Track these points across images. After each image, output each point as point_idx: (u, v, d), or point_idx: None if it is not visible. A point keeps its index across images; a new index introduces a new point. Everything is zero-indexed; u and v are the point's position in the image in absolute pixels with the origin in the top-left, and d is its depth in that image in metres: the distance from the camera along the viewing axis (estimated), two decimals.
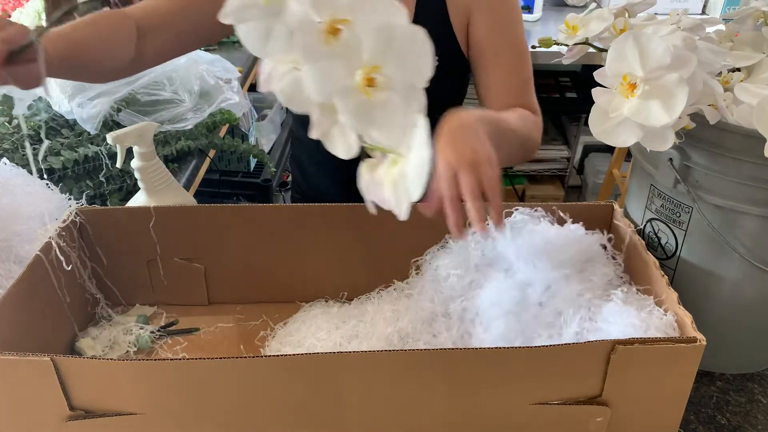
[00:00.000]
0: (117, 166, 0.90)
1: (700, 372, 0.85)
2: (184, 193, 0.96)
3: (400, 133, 0.53)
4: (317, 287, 0.91)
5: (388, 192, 0.56)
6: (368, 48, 0.51)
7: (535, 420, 0.66)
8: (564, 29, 0.85)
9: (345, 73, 0.51)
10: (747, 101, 0.69)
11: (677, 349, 0.62)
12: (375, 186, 0.58)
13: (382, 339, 0.77)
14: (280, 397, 0.64)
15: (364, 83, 0.52)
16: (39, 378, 0.60)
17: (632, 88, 0.64)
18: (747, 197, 0.73)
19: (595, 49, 0.84)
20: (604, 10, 0.83)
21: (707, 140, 0.73)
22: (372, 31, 0.51)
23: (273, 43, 0.52)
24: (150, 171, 0.91)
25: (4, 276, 0.78)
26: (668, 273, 0.83)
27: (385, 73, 0.52)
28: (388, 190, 0.57)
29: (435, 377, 0.63)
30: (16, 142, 1.07)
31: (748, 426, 0.79)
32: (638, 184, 0.87)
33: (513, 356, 0.62)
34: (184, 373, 0.61)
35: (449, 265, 0.81)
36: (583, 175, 2.78)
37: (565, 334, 0.72)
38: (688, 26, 0.78)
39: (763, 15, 0.85)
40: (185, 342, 0.86)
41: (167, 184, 0.93)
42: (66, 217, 0.82)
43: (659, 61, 0.62)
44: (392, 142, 0.54)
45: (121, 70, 0.91)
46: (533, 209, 0.83)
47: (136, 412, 0.63)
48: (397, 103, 0.52)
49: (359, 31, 0.51)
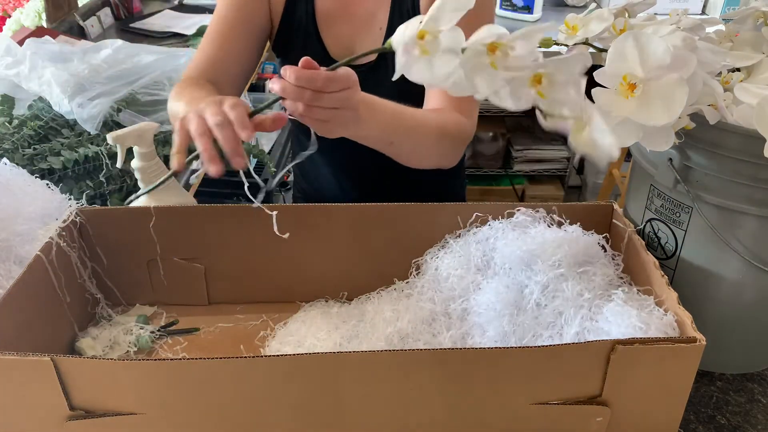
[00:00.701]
0: (117, 167, 0.90)
1: (700, 372, 0.85)
2: (184, 193, 0.95)
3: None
4: (317, 287, 0.91)
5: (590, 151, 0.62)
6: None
7: (535, 420, 0.66)
8: (564, 29, 0.85)
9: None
10: (747, 101, 0.69)
11: (677, 349, 0.62)
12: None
13: (382, 339, 0.77)
14: (280, 397, 0.64)
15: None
16: (39, 378, 0.60)
17: (632, 88, 0.64)
18: (747, 197, 0.73)
19: (595, 49, 0.84)
20: (604, 10, 0.83)
21: (707, 140, 0.73)
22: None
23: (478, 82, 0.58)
24: (150, 171, 0.90)
25: (4, 276, 0.78)
26: (668, 273, 0.83)
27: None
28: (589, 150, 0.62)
29: (435, 377, 0.63)
30: (16, 142, 1.07)
31: (748, 426, 0.79)
32: (638, 184, 0.87)
33: (513, 356, 0.62)
34: (184, 373, 0.62)
35: (449, 265, 0.81)
36: (583, 175, 2.78)
37: (565, 335, 0.72)
38: (688, 26, 0.78)
39: (763, 15, 0.85)
40: (185, 342, 0.86)
41: (167, 184, 0.93)
42: (66, 217, 0.82)
43: (659, 61, 0.62)
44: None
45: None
46: (534, 210, 0.83)
47: (136, 412, 0.63)
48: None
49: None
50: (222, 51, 1.02)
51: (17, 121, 1.13)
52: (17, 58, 1.26)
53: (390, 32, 1.00)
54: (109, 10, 2.20)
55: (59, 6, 1.95)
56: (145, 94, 1.26)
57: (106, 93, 1.19)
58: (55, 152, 1.07)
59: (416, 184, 1.07)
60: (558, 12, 2.51)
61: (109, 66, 1.27)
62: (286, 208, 0.87)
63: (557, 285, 0.74)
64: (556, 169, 2.70)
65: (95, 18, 2.09)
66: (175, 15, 2.27)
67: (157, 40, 2.03)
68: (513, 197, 2.71)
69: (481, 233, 0.83)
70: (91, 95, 1.16)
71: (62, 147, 1.08)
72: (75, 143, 1.10)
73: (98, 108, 1.13)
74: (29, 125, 1.11)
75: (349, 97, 0.72)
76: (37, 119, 1.14)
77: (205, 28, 1.07)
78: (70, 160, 1.05)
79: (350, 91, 0.72)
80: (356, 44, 1.03)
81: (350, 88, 0.72)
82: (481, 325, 0.76)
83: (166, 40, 2.06)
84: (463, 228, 0.86)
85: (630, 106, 0.64)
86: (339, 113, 0.72)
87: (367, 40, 1.02)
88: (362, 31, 1.02)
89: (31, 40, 1.33)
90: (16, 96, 1.23)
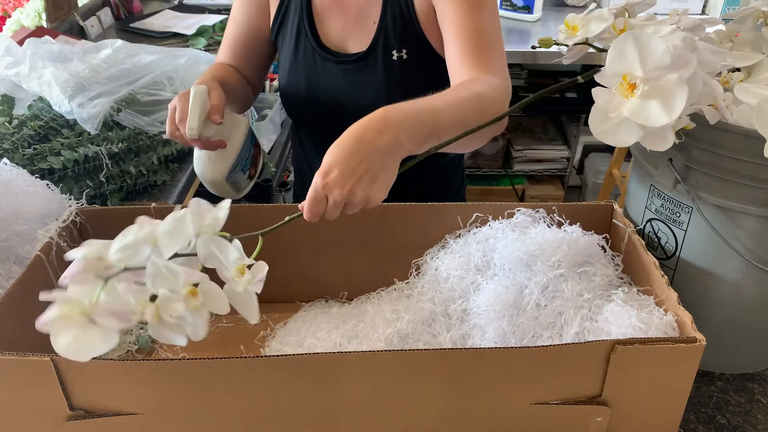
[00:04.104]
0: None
1: (700, 372, 0.85)
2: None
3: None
4: (317, 287, 0.91)
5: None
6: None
7: (535, 420, 0.66)
8: (564, 29, 0.85)
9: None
10: (747, 101, 0.69)
11: (677, 349, 0.62)
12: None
13: (382, 339, 0.77)
14: (280, 397, 0.64)
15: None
16: (39, 378, 0.60)
17: (632, 89, 0.64)
18: (747, 197, 0.73)
19: (595, 49, 0.84)
20: (604, 10, 0.83)
21: (707, 140, 0.73)
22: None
23: None
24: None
25: (4, 276, 0.78)
26: (668, 273, 0.83)
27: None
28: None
29: (435, 377, 0.63)
30: (16, 142, 1.07)
31: (748, 426, 0.79)
32: (638, 184, 0.87)
33: (513, 356, 0.62)
34: (184, 373, 0.62)
35: (449, 265, 0.81)
36: (583, 175, 2.78)
37: (565, 335, 0.72)
38: (688, 26, 0.78)
39: (763, 15, 0.85)
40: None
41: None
42: (66, 217, 0.82)
43: (659, 61, 0.62)
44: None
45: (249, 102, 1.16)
46: (534, 210, 0.83)
47: (136, 412, 0.63)
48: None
49: None
50: (239, 58, 1.12)
51: (17, 121, 1.13)
52: (17, 58, 1.26)
53: (382, 26, 1.00)
54: (109, 10, 2.20)
55: (59, 6, 1.95)
56: (145, 94, 1.26)
57: (106, 93, 1.19)
58: (55, 152, 1.07)
59: (416, 185, 1.07)
60: (558, 12, 2.51)
61: (109, 66, 1.26)
62: (286, 208, 0.87)
63: (557, 285, 0.74)
64: (556, 169, 2.70)
65: (95, 18, 2.09)
66: (175, 15, 2.27)
67: (157, 40, 2.03)
68: (513, 197, 2.71)
69: (481, 233, 0.83)
70: (91, 95, 1.16)
71: (62, 147, 1.08)
72: (75, 143, 1.10)
73: (98, 108, 1.13)
74: (29, 125, 1.11)
75: (350, 193, 0.68)
76: (37, 119, 1.14)
77: (206, 28, 1.09)
78: (70, 160, 1.05)
79: (347, 190, 0.67)
80: (349, 37, 1.04)
81: (347, 189, 0.67)
82: (481, 326, 0.76)
83: (166, 40, 2.06)
84: (463, 228, 0.86)
85: (630, 106, 0.64)
86: (357, 197, 0.68)
87: (360, 34, 1.03)
88: (355, 24, 1.03)
89: (31, 40, 1.33)
90: (16, 96, 1.23)
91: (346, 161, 0.66)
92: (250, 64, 1.13)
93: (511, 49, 2.10)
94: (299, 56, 1.06)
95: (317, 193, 0.67)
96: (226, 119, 0.94)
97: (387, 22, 1.00)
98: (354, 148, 0.67)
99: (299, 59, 1.06)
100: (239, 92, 1.09)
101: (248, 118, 1.00)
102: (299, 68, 1.07)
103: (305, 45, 1.05)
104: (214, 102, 0.90)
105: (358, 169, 0.66)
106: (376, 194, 0.68)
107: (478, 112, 0.78)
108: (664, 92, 0.62)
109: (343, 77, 1.04)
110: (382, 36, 1.00)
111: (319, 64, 1.05)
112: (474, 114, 0.77)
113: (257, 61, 1.13)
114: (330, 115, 1.08)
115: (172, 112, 0.90)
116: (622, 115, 0.65)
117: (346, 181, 0.66)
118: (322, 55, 1.04)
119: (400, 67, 1.01)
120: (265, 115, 2.19)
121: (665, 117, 0.62)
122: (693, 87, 0.64)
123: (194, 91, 0.89)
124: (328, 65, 1.04)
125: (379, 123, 0.68)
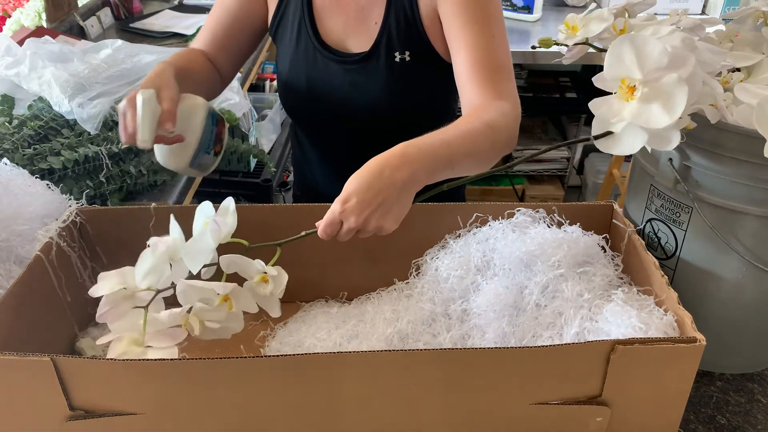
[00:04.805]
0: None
1: (700, 372, 0.85)
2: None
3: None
4: (317, 287, 0.91)
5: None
6: None
7: (535, 420, 0.66)
8: (564, 29, 0.85)
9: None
10: (747, 101, 0.69)
11: (677, 349, 0.62)
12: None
13: (382, 339, 0.77)
14: (280, 397, 0.64)
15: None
16: (39, 378, 0.60)
17: (632, 91, 0.64)
18: (747, 197, 0.73)
19: (595, 49, 0.84)
20: (604, 10, 0.83)
21: (707, 140, 0.73)
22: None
23: None
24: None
25: (4, 276, 0.78)
26: (668, 273, 0.83)
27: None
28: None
29: (435, 377, 0.63)
30: (16, 142, 1.07)
31: (748, 426, 0.79)
32: (638, 184, 0.87)
33: (513, 356, 0.62)
34: (184, 373, 0.62)
35: (449, 265, 0.81)
36: (583, 175, 2.78)
37: (565, 335, 0.72)
38: (687, 26, 0.78)
39: (763, 15, 0.85)
40: (185, 342, 0.85)
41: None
42: (66, 217, 0.82)
43: (657, 63, 0.62)
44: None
45: (215, 92, 1.13)
46: (534, 210, 0.83)
47: (136, 412, 0.63)
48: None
49: None
50: (217, 45, 1.10)
51: (17, 121, 1.13)
52: (17, 58, 1.26)
53: (385, 27, 1.00)
54: (109, 10, 2.20)
55: (59, 6, 1.95)
56: None
57: (106, 93, 1.19)
58: (55, 152, 1.07)
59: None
60: (558, 12, 2.51)
61: (109, 66, 1.26)
62: (286, 208, 0.87)
63: (557, 285, 0.74)
64: (556, 169, 2.70)
65: (95, 18, 2.09)
66: (175, 15, 2.27)
67: (157, 40, 2.03)
68: (513, 197, 2.71)
69: (481, 233, 0.83)
70: (91, 95, 1.16)
71: (62, 147, 1.08)
72: (75, 143, 1.10)
73: (98, 108, 1.13)
74: (29, 125, 1.11)
75: (365, 221, 0.71)
76: (37, 119, 1.14)
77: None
78: (70, 160, 1.05)
79: (362, 218, 0.71)
80: (350, 36, 1.03)
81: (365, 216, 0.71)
82: (481, 326, 0.76)
83: (166, 40, 2.06)
84: (463, 228, 0.86)
85: (630, 109, 0.64)
86: (370, 225, 0.72)
87: (361, 33, 1.02)
88: (356, 23, 1.02)
89: (31, 40, 1.33)
90: (16, 96, 1.23)
91: (364, 192, 0.71)
92: (227, 52, 1.10)
93: (511, 49, 2.09)
94: (300, 53, 1.06)
95: (334, 217, 0.71)
96: (183, 108, 0.87)
97: (390, 23, 1.00)
98: (372, 180, 0.71)
99: (300, 56, 1.06)
100: (203, 81, 1.04)
101: (205, 98, 0.92)
102: (300, 65, 1.06)
103: (306, 42, 1.05)
104: (165, 106, 0.83)
105: (375, 200, 0.71)
106: (388, 224, 0.72)
107: (489, 142, 0.83)
108: (664, 93, 0.62)
109: (344, 77, 1.04)
110: (384, 37, 1.00)
111: (320, 62, 1.05)
112: (485, 145, 0.83)
113: (236, 49, 1.11)
114: (329, 113, 1.08)
115: (122, 121, 0.83)
116: (623, 119, 0.64)
117: (363, 210, 0.71)
118: (323, 53, 1.04)
119: (402, 68, 1.01)
120: (265, 115, 2.19)
121: (667, 118, 0.62)
122: (693, 87, 0.64)
123: (141, 99, 0.81)
124: (330, 64, 1.04)
125: (398, 159, 0.73)
